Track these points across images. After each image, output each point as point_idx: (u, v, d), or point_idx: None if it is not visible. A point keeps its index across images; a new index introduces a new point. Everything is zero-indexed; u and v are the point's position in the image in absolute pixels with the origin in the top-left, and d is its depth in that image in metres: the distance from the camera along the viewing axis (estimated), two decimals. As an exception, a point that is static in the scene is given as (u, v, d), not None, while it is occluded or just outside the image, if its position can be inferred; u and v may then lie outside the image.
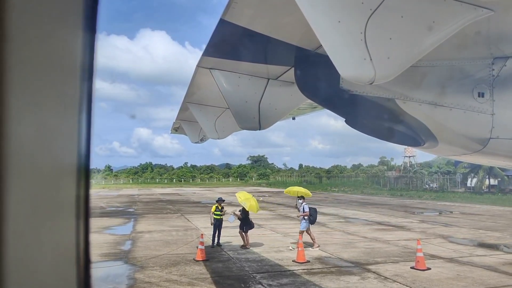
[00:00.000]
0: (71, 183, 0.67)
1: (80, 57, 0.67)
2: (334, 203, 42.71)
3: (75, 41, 0.67)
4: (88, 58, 0.68)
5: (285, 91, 6.01)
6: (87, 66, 0.68)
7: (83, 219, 0.68)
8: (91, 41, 0.67)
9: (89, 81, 0.68)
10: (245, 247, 15.35)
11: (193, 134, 11.38)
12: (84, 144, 0.68)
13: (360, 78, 2.99)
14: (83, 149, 0.68)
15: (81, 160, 0.68)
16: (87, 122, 0.68)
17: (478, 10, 3.21)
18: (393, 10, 2.93)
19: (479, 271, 12.05)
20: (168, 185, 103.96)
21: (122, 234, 19.86)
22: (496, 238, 18.40)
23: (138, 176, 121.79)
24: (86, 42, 0.67)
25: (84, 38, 0.67)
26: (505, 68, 4.56)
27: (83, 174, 0.68)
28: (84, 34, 0.67)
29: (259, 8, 3.90)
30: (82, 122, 0.68)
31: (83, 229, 0.68)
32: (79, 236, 0.68)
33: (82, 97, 0.67)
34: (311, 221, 15.48)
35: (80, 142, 0.67)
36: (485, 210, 34.02)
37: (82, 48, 0.67)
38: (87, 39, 0.68)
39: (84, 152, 0.68)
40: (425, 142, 4.68)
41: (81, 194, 0.68)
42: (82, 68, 0.67)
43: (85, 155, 0.68)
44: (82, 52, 0.67)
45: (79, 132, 0.67)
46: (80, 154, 0.68)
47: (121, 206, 37.32)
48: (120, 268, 12.57)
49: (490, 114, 4.56)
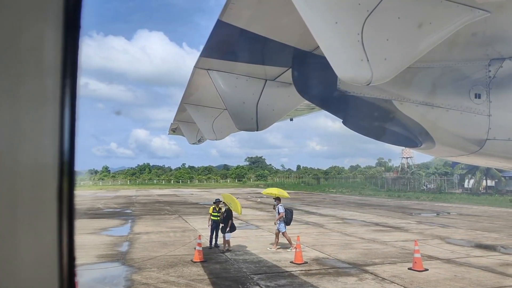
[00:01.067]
0: (52, 183, 0.66)
1: (61, 53, 0.66)
2: (332, 204, 42.74)
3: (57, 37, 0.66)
4: (71, 55, 0.67)
5: (282, 92, 6.02)
6: (69, 63, 0.67)
7: (66, 220, 0.67)
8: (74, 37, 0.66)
9: (72, 78, 0.67)
10: (228, 250, 15.06)
11: (191, 135, 11.37)
12: (67, 142, 0.67)
13: (357, 79, 3.00)
14: (65, 148, 0.67)
15: (64, 159, 0.67)
16: (70, 120, 0.67)
17: (474, 12, 3.22)
18: (390, 11, 2.94)
19: (476, 272, 12.07)
20: (166, 186, 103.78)
21: (119, 235, 19.80)
22: (493, 239, 18.45)
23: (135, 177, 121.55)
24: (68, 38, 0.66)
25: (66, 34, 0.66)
26: (502, 69, 4.57)
27: (66, 174, 0.67)
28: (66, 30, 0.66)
29: (256, 9, 3.90)
30: (65, 120, 0.67)
31: (67, 230, 0.67)
32: (62, 237, 0.67)
33: (64, 95, 0.66)
34: (286, 222, 15.39)
35: (62, 140, 0.66)
36: (482, 211, 34.13)
37: (64, 45, 0.66)
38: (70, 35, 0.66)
39: (67, 151, 0.67)
40: (422, 143, 4.69)
41: (64, 194, 0.67)
42: (64, 65, 0.66)
43: (68, 154, 0.67)
44: (63, 49, 0.66)
45: (61, 131, 0.66)
46: (62, 153, 0.67)
47: (119, 207, 37.22)
48: (117, 269, 12.53)
49: (486, 115, 4.57)
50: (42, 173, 0.66)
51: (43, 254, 0.66)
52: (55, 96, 0.66)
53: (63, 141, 0.67)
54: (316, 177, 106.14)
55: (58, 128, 0.66)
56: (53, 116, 0.66)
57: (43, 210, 0.66)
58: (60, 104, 0.66)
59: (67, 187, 0.67)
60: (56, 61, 0.66)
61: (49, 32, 0.65)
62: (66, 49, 0.66)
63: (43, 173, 0.66)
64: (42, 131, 0.66)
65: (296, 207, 38.46)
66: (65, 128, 0.67)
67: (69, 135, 0.67)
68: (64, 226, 0.67)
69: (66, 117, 0.67)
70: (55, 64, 0.66)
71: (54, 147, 0.66)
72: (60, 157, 0.67)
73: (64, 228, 0.67)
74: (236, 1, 3.65)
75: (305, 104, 6.70)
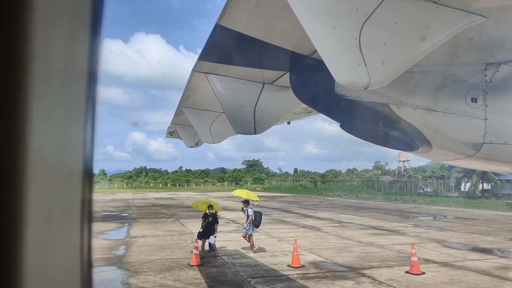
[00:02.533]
0: (78, 187, 0.68)
1: (87, 61, 0.68)
2: (329, 207, 42.75)
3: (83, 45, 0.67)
4: (94, 63, 0.68)
5: (280, 96, 6.03)
6: (93, 71, 0.68)
7: (86, 223, 0.69)
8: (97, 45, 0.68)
9: (94, 85, 0.69)
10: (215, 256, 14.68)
11: (188, 138, 11.36)
12: (89, 148, 0.68)
13: (355, 83, 3.01)
14: (88, 153, 0.68)
15: (87, 164, 0.69)
16: (92, 126, 0.69)
17: (471, 17, 3.25)
18: (387, 16, 2.97)
19: (473, 275, 12.10)
20: (163, 189, 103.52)
21: (116, 238, 19.71)
22: (490, 243, 18.50)
23: (132, 180, 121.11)
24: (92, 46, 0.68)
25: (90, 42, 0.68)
26: (498, 73, 4.61)
27: (88, 178, 0.69)
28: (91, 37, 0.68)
29: (254, 13, 3.92)
30: (88, 127, 0.68)
31: (87, 232, 0.69)
32: (83, 239, 0.68)
33: (88, 102, 0.68)
34: (255, 225, 15.31)
35: (86, 146, 0.68)
36: (479, 214, 34.23)
37: (89, 52, 0.68)
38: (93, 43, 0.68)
39: (89, 156, 0.68)
40: (419, 146, 4.72)
41: (86, 197, 0.68)
42: (89, 73, 0.68)
43: (89, 158, 0.68)
44: (88, 56, 0.68)
45: (85, 136, 0.68)
46: (85, 158, 0.68)
47: (115, 211, 37.07)
48: (113, 273, 12.46)
49: (483, 119, 4.60)
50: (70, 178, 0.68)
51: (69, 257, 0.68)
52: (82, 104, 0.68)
53: (86, 146, 0.68)
54: (313, 180, 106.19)
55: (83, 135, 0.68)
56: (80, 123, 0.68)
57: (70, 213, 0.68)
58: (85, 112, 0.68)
59: (88, 192, 0.68)
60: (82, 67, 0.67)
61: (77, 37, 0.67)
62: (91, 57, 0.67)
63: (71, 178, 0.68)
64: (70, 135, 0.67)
65: (293, 210, 38.43)
66: (88, 135, 0.68)
67: (91, 140, 0.68)
68: (85, 230, 0.69)
69: (89, 124, 0.68)
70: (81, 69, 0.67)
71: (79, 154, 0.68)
72: (84, 163, 0.68)
73: (85, 232, 0.69)
74: (234, 5, 3.66)
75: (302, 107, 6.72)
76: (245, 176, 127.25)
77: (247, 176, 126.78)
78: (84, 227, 0.69)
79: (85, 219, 0.69)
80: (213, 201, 16.15)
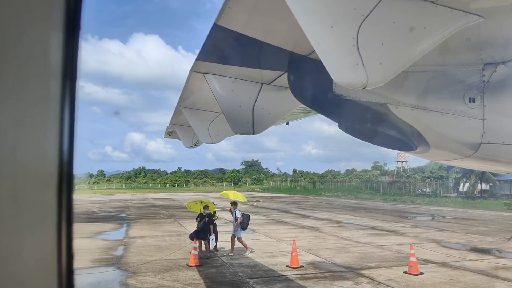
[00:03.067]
0: (52, 187, 0.66)
1: (61, 57, 0.66)
2: (328, 208, 42.77)
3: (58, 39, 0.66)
4: (70, 58, 0.67)
5: (278, 96, 6.03)
6: (69, 67, 0.67)
7: (65, 225, 0.67)
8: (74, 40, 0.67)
9: (71, 82, 0.67)
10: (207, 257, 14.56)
11: (187, 139, 11.35)
12: (67, 145, 0.67)
13: (353, 83, 3.02)
14: (65, 151, 0.67)
15: (64, 162, 0.67)
16: (70, 124, 0.67)
17: (468, 17, 3.26)
18: (385, 16, 2.97)
19: (471, 276, 12.11)
20: (162, 190, 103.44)
21: (114, 239, 19.68)
22: (488, 243, 18.53)
23: (131, 181, 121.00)
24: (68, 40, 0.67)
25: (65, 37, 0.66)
26: (495, 74, 4.62)
27: (65, 178, 0.67)
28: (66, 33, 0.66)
29: (252, 13, 3.92)
30: (65, 124, 0.67)
31: (66, 235, 0.67)
32: (61, 242, 0.67)
33: (65, 98, 0.67)
34: (242, 227, 15.12)
35: (62, 143, 0.67)
36: (477, 214, 34.29)
37: (65, 47, 0.66)
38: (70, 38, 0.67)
39: (66, 154, 0.67)
40: (417, 147, 4.72)
41: (63, 198, 0.67)
42: (64, 68, 0.66)
43: (68, 157, 0.67)
44: (63, 52, 0.66)
45: (61, 134, 0.67)
46: (62, 156, 0.67)
47: (114, 211, 37.03)
48: (112, 273, 12.44)
49: (481, 119, 4.61)
50: (43, 175, 0.66)
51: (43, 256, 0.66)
52: (56, 99, 0.66)
53: (63, 144, 0.67)
54: (312, 180, 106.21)
55: (58, 131, 0.66)
56: (54, 119, 0.66)
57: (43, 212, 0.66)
58: (61, 107, 0.66)
59: (66, 189, 0.67)
60: (57, 64, 0.66)
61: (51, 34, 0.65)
62: (67, 51, 0.66)
63: (44, 175, 0.66)
64: (44, 134, 0.66)
65: (292, 211, 38.43)
66: (65, 132, 0.67)
67: (69, 138, 0.67)
68: (63, 229, 0.67)
69: (66, 120, 0.67)
70: (56, 66, 0.66)
71: (54, 150, 0.66)
72: (60, 160, 0.67)
73: (63, 231, 0.67)
74: (232, 5, 3.66)
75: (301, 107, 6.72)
76: (244, 177, 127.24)
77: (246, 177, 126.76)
78: (61, 229, 0.67)
79: (62, 221, 0.67)
80: (209, 201, 16.11)
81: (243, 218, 15.13)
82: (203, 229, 14.69)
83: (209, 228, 14.78)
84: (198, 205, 16.26)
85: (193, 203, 16.81)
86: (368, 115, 4.65)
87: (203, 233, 14.75)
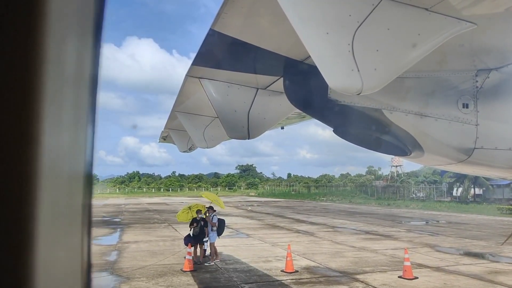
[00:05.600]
0: (80, 190, 0.70)
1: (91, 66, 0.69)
2: (323, 212, 42.79)
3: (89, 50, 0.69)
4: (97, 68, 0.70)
5: (274, 101, 6.05)
6: (96, 76, 0.70)
7: (87, 226, 0.70)
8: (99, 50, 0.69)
9: (96, 90, 0.70)
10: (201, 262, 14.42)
11: (182, 143, 11.33)
12: (90, 153, 0.69)
13: (348, 88, 3.04)
14: (90, 158, 0.70)
15: (88, 168, 0.70)
16: (92, 131, 0.70)
17: (461, 24, 3.30)
18: (380, 23, 3.00)
19: (465, 280, 12.16)
20: (156, 194, 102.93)
21: (108, 244, 19.51)
22: (482, 247, 18.63)
23: (125, 185, 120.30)
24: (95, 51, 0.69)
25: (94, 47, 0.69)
26: (488, 79, 4.68)
27: (88, 182, 0.70)
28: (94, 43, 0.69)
29: (248, 18, 3.94)
30: (90, 131, 0.70)
31: (87, 236, 0.70)
32: (84, 243, 0.70)
33: (91, 106, 0.69)
34: (218, 233, 14.60)
35: (87, 150, 0.69)
36: (471, 219, 34.49)
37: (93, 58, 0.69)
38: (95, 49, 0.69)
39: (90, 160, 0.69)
40: (411, 152, 4.76)
41: (86, 201, 0.70)
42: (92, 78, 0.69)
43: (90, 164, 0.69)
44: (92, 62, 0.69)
45: (87, 141, 0.69)
46: (87, 162, 0.70)
47: (107, 216, 36.74)
48: (105, 279, 12.33)
49: (474, 124, 4.66)
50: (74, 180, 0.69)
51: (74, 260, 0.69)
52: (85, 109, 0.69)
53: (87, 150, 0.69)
54: (307, 185, 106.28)
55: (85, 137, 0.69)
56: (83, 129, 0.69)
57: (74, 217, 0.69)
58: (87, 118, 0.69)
59: (88, 196, 0.69)
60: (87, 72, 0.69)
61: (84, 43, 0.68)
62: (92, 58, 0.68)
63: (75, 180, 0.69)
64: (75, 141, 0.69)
65: (287, 215, 38.40)
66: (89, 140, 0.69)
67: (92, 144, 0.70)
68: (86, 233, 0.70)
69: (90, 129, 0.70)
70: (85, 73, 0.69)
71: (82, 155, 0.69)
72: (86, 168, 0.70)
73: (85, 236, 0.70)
74: (228, 11, 3.68)
75: (296, 112, 6.74)
76: (238, 181, 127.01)
77: (241, 181, 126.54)
78: (85, 230, 0.70)
79: (86, 222, 0.70)
80: (197, 204, 15.98)
81: (219, 223, 14.56)
82: (200, 233, 14.62)
83: (204, 231, 14.69)
84: (185, 214, 16.04)
85: (181, 213, 16.41)
86: (363, 121, 4.68)
87: (199, 237, 14.66)
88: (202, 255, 14.83)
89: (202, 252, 14.84)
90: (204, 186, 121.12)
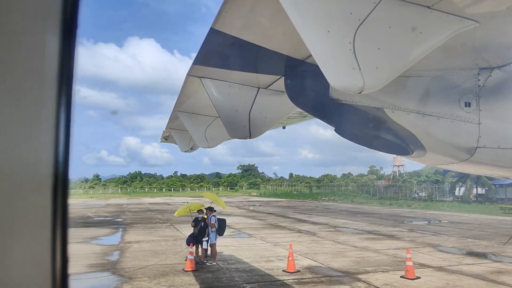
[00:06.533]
0: (46, 192, 0.66)
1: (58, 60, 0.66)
2: (324, 212, 42.75)
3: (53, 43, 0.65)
4: (67, 62, 0.67)
5: (275, 100, 6.04)
6: (65, 70, 0.67)
7: (60, 229, 0.66)
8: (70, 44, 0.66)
9: (68, 86, 0.67)
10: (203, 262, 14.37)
11: (183, 143, 11.33)
12: (62, 150, 0.66)
13: (349, 87, 3.02)
14: (60, 156, 0.66)
15: (58, 167, 0.66)
16: (66, 128, 0.67)
17: (464, 22, 3.28)
18: (381, 21, 2.98)
19: (467, 280, 12.12)
20: (158, 194, 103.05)
21: (110, 244, 19.55)
22: (484, 247, 18.57)
23: (127, 185, 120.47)
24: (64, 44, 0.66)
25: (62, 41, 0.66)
26: (491, 78, 4.65)
27: (60, 182, 0.67)
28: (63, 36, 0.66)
29: (249, 17, 3.92)
30: (60, 128, 0.66)
31: (60, 239, 0.67)
32: (56, 246, 0.66)
33: (60, 102, 0.66)
34: (219, 233, 14.50)
35: (57, 148, 0.66)
36: (473, 219, 34.40)
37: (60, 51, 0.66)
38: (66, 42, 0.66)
39: (61, 159, 0.66)
40: (413, 151, 4.73)
41: (58, 202, 0.66)
42: (60, 72, 0.66)
43: (63, 162, 0.66)
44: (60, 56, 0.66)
45: (56, 138, 0.66)
46: (57, 161, 0.66)
47: (109, 216, 36.81)
48: (107, 279, 12.34)
49: (476, 123, 4.63)
50: (38, 179, 0.66)
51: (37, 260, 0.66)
52: (53, 102, 0.66)
53: (59, 148, 0.66)
54: (309, 185, 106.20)
55: (54, 135, 0.66)
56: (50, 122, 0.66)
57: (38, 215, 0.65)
58: (57, 111, 0.66)
59: (61, 193, 0.66)
60: (53, 67, 0.66)
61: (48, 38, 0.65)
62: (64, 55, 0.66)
63: (39, 179, 0.66)
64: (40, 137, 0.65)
65: (289, 215, 38.37)
66: (61, 135, 0.66)
67: (65, 142, 0.66)
68: (58, 233, 0.66)
69: (62, 124, 0.66)
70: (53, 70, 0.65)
71: (50, 154, 0.66)
72: (56, 164, 0.66)
73: (58, 234, 0.66)
74: (229, 10, 3.67)
75: (297, 112, 6.73)
76: (240, 181, 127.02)
77: (243, 181, 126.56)
78: (56, 235, 0.66)
79: (57, 225, 0.66)
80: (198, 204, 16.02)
81: (219, 223, 14.45)
82: (200, 233, 14.60)
83: (205, 231, 14.68)
84: (184, 209, 16.21)
85: (179, 210, 16.64)
86: (365, 120, 4.66)
87: (200, 237, 14.65)
88: (204, 255, 14.83)
89: (204, 252, 14.84)
90: (206, 186, 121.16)
